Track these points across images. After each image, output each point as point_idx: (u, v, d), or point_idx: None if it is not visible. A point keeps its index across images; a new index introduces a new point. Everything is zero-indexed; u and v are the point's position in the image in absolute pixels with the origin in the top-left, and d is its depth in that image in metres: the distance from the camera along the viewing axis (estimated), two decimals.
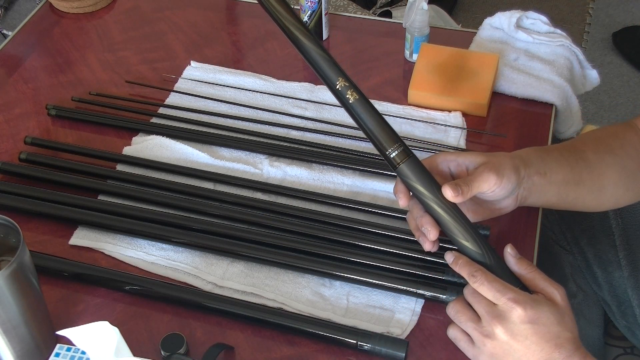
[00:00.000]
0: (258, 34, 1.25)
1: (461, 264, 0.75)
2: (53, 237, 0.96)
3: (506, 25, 1.16)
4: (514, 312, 0.71)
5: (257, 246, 0.91)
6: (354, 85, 0.77)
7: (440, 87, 1.09)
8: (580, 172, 0.85)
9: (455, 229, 0.76)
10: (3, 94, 1.16)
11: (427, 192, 0.76)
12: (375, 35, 1.24)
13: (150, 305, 0.88)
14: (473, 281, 0.74)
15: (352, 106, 0.77)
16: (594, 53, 2.26)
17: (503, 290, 0.72)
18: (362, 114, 0.77)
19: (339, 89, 0.77)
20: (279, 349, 0.84)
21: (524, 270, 0.76)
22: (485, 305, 0.73)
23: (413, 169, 0.76)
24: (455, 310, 0.76)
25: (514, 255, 0.77)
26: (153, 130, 1.07)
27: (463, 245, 0.76)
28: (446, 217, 0.76)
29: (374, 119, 0.77)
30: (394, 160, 0.76)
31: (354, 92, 0.77)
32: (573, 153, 0.86)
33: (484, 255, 0.75)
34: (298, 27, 0.78)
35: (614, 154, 0.87)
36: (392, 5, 2.16)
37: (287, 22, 0.78)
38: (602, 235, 1.08)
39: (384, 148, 0.76)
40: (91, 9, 1.30)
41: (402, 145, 0.76)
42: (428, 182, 0.76)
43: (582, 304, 1.12)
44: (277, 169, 1.02)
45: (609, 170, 0.87)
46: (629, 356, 1.15)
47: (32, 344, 0.80)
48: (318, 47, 0.77)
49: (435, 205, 0.76)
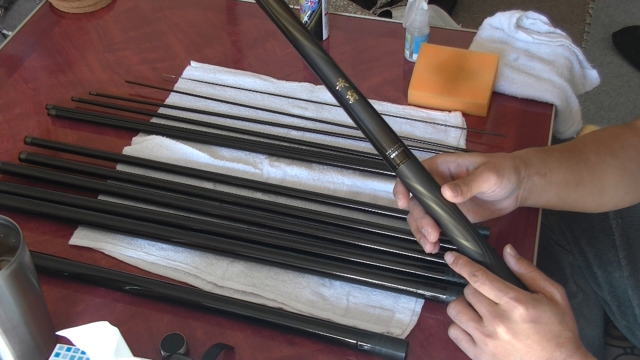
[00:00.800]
0: (258, 34, 1.25)
1: (461, 264, 0.75)
2: (53, 237, 0.96)
3: (506, 25, 1.16)
4: (516, 311, 0.71)
5: (257, 246, 0.91)
6: (354, 86, 0.77)
7: (440, 87, 1.09)
8: (581, 173, 0.85)
9: (455, 229, 0.76)
10: (3, 94, 1.16)
11: (427, 192, 0.76)
12: (375, 35, 1.24)
13: (150, 305, 0.88)
14: (474, 281, 0.74)
15: (352, 107, 0.77)
16: (594, 53, 2.26)
17: (505, 290, 0.72)
18: (362, 114, 0.77)
19: (338, 89, 0.77)
20: (279, 349, 0.84)
21: (523, 270, 0.76)
22: (487, 304, 0.73)
23: (413, 169, 0.76)
24: (456, 310, 0.76)
25: (514, 255, 0.77)
26: (153, 130, 1.07)
27: (463, 245, 0.76)
28: (446, 217, 0.76)
29: (374, 119, 0.77)
30: (394, 161, 0.76)
31: (354, 93, 0.77)
32: (574, 154, 0.86)
33: (484, 255, 0.75)
34: (297, 27, 0.78)
35: (615, 155, 0.87)
36: (392, 5, 2.16)
37: (286, 22, 0.78)
38: (602, 235, 1.08)
39: (384, 149, 0.77)
40: (91, 9, 1.30)
41: (402, 146, 0.76)
42: (428, 183, 0.76)
43: (582, 304, 1.12)
44: (277, 169, 1.02)
45: (610, 171, 0.87)
46: (629, 356, 1.16)
47: (32, 344, 0.80)
48: (317, 47, 0.77)
49: (435, 206, 0.76)
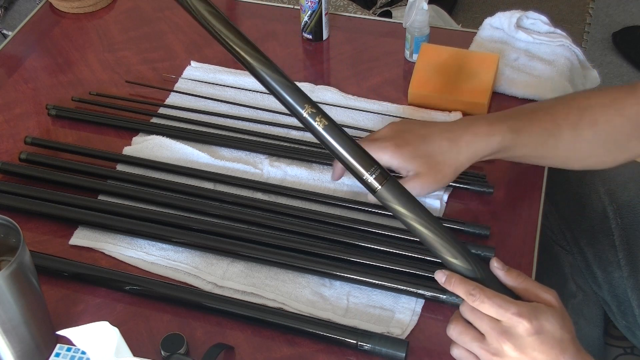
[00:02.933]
0: (258, 34, 1.25)
1: (455, 283, 0.73)
2: (53, 237, 0.96)
3: (506, 25, 1.16)
4: (521, 326, 0.69)
5: (257, 246, 0.91)
6: (321, 110, 0.74)
7: (441, 87, 1.09)
8: (547, 151, 0.90)
9: (442, 247, 0.73)
10: (3, 94, 1.16)
11: (409, 213, 0.73)
12: (375, 35, 1.24)
13: (150, 305, 0.88)
14: (472, 300, 0.71)
15: (322, 134, 0.73)
16: (594, 53, 2.26)
17: (506, 306, 0.70)
18: (333, 140, 0.73)
19: (305, 116, 0.73)
20: (279, 349, 0.84)
21: (514, 282, 0.74)
22: (489, 322, 0.71)
23: (393, 191, 0.73)
24: (457, 331, 0.73)
25: (502, 268, 0.74)
26: (153, 130, 1.07)
27: (451, 263, 0.73)
28: (431, 236, 0.73)
29: (346, 144, 0.73)
30: (372, 185, 0.73)
31: (323, 119, 0.73)
32: (548, 128, 0.88)
33: (474, 271, 0.73)
34: (253, 53, 0.74)
35: (595, 129, 0.88)
36: (392, 5, 2.16)
37: (240, 48, 0.74)
38: (601, 236, 1.08)
39: (360, 173, 0.74)
40: (91, 9, 1.30)
41: (379, 168, 0.74)
42: (409, 203, 0.73)
43: (581, 304, 1.12)
44: (277, 169, 1.02)
45: (584, 145, 0.89)
46: (629, 356, 1.16)
47: (32, 344, 0.80)
48: (278, 74, 0.74)
49: (418, 226, 0.73)
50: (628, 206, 1.06)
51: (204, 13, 0.74)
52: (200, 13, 0.74)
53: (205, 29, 0.75)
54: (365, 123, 1.08)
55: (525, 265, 0.90)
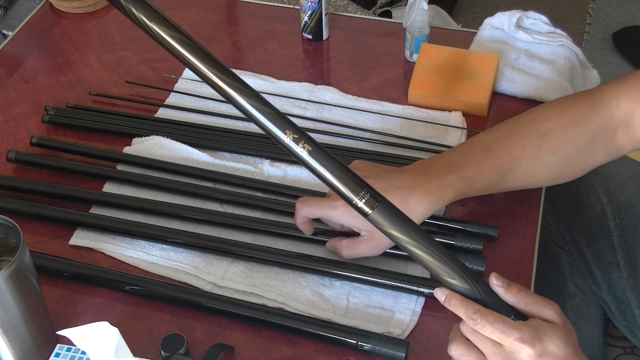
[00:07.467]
0: (258, 34, 1.25)
1: (455, 305, 0.71)
2: (53, 237, 0.96)
3: (506, 25, 1.16)
4: (523, 352, 0.68)
5: (257, 246, 0.91)
6: (305, 134, 0.70)
7: (441, 87, 1.09)
8: (505, 184, 0.88)
9: (439, 269, 0.71)
10: (3, 94, 1.16)
11: (404, 237, 0.70)
12: (375, 35, 1.24)
13: (150, 305, 0.88)
14: (474, 324, 0.70)
15: (307, 159, 0.69)
16: (594, 53, 2.26)
17: (507, 331, 0.69)
18: (319, 165, 0.69)
19: (287, 143, 0.69)
20: (279, 349, 0.84)
21: (514, 298, 0.72)
22: (491, 345, 0.70)
23: (385, 214, 0.70)
24: (459, 353, 0.72)
25: (501, 285, 0.72)
26: (153, 131, 1.07)
27: (450, 284, 0.72)
28: (427, 258, 0.71)
29: (334, 168, 0.69)
30: (363, 210, 0.70)
31: (306, 144, 0.69)
32: (505, 165, 0.87)
33: (473, 290, 0.71)
34: (227, 79, 0.68)
35: (557, 154, 0.88)
36: (392, 5, 2.16)
37: (213, 74, 0.68)
38: (600, 236, 1.08)
39: (350, 198, 0.69)
40: (91, 9, 1.30)
41: (369, 191, 0.70)
42: (403, 226, 0.70)
43: (581, 304, 1.12)
44: (278, 168, 1.02)
45: (545, 170, 0.89)
46: (629, 356, 1.16)
47: (32, 344, 0.80)
48: (257, 100, 0.69)
49: (414, 249, 0.71)
50: (627, 206, 1.06)
51: (169, 40, 0.70)
52: (164, 38, 0.70)
53: (170, 53, 0.70)
54: (365, 123, 1.08)
55: (525, 265, 0.90)
